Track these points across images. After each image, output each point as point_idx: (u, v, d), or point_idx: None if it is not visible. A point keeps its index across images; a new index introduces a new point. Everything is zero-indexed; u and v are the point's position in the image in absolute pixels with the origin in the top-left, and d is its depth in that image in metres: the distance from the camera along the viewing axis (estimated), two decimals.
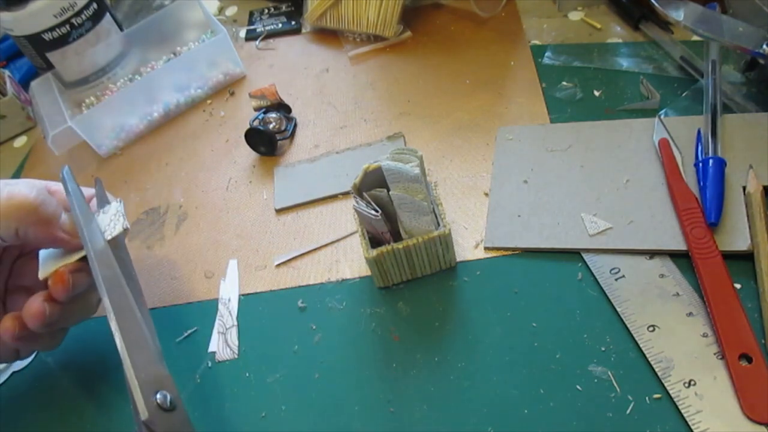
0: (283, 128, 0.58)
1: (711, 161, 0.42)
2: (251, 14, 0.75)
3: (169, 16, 0.68)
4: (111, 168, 0.62)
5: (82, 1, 0.62)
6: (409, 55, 0.63)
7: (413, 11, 0.66)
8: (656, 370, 0.36)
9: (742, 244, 0.39)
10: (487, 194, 0.48)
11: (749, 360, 0.34)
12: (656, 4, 0.50)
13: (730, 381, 0.34)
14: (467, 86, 0.57)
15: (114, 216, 0.42)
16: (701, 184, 0.42)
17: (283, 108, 0.60)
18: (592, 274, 0.41)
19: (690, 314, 0.38)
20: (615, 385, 0.36)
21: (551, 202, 0.45)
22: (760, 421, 0.33)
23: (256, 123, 0.58)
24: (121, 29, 0.69)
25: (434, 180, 0.50)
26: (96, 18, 0.65)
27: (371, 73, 0.62)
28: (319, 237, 0.49)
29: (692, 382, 0.35)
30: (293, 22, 0.71)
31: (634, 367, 0.37)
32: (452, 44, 0.62)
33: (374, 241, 0.42)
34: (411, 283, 0.44)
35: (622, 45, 0.57)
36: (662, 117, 0.48)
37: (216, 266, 0.50)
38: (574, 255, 0.42)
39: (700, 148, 0.44)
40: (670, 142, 0.45)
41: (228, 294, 0.47)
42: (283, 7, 0.74)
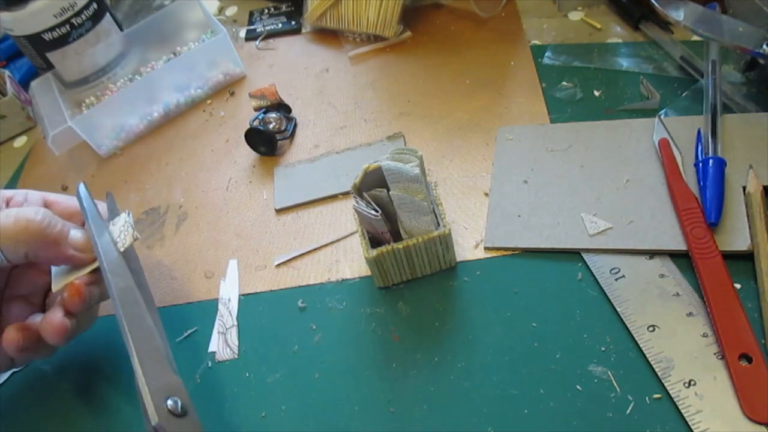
0: (283, 128, 0.58)
1: (711, 161, 0.42)
2: (251, 14, 0.75)
3: (169, 16, 0.68)
4: (111, 168, 0.62)
5: (82, 1, 0.62)
6: (409, 55, 0.63)
7: (413, 11, 0.66)
8: (656, 370, 0.36)
9: (742, 244, 0.39)
10: (487, 194, 0.48)
11: (749, 360, 0.34)
12: (656, 4, 0.50)
13: (730, 381, 0.34)
14: (467, 86, 0.57)
15: (123, 227, 0.42)
16: (701, 184, 0.42)
17: (283, 108, 0.60)
18: (592, 274, 0.41)
19: (690, 314, 0.38)
20: (615, 385, 0.36)
21: (551, 202, 0.45)
22: (760, 421, 0.33)
23: (256, 123, 0.58)
24: (121, 29, 0.69)
25: (434, 180, 0.50)
26: (96, 18, 0.65)
27: (371, 73, 0.62)
28: (319, 237, 0.49)
29: (692, 382, 0.35)
30: (293, 22, 0.71)
31: (634, 367, 0.37)
32: (452, 44, 0.62)
33: (374, 241, 0.42)
34: (411, 283, 0.44)
35: (622, 45, 0.57)
36: (662, 117, 0.48)
37: (216, 266, 0.50)
38: (574, 255, 0.42)
39: (700, 148, 0.44)
40: (670, 142, 0.45)
41: (228, 294, 0.47)
42: (283, 7, 0.74)
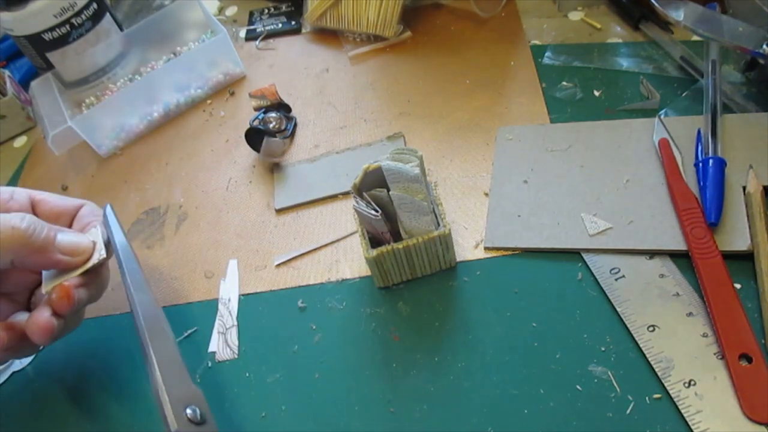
0: (283, 128, 0.58)
1: (711, 161, 0.42)
2: (251, 14, 0.75)
3: (169, 16, 0.68)
4: (111, 168, 0.62)
5: (82, 1, 0.62)
6: (409, 55, 0.63)
7: (413, 11, 0.66)
8: (656, 370, 0.36)
9: (742, 244, 0.39)
10: (487, 194, 0.48)
11: (749, 360, 0.34)
12: (656, 4, 0.50)
13: (730, 381, 0.34)
14: (467, 86, 0.57)
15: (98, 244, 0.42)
16: (701, 184, 0.42)
17: (283, 108, 0.60)
18: (592, 274, 0.41)
19: (690, 314, 0.38)
20: (615, 385, 0.36)
21: (551, 202, 0.45)
22: (760, 421, 0.33)
23: (256, 123, 0.58)
24: (121, 29, 0.69)
25: (434, 180, 0.50)
26: (96, 18, 0.65)
27: (371, 73, 0.62)
28: (319, 237, 0.49)
29: (692, 382, 0.35)
30: (293, 22, 0.71)
31: (634, 367, 0.37)
32: (452, 44, 0.62)
33: (374, 241, 0.42)
34: (411, 283, 0.44)
35: (622, 45, 0.57)
36: (662, 117, 0.48)
37: (216, 266, 0.50)
38: (574, 255, 0.42)
39: (700, 148, 0.44)
40: (670, 142, 0.45)
41: (228, 294, 0.47)
42: (283, 7, 0.74)
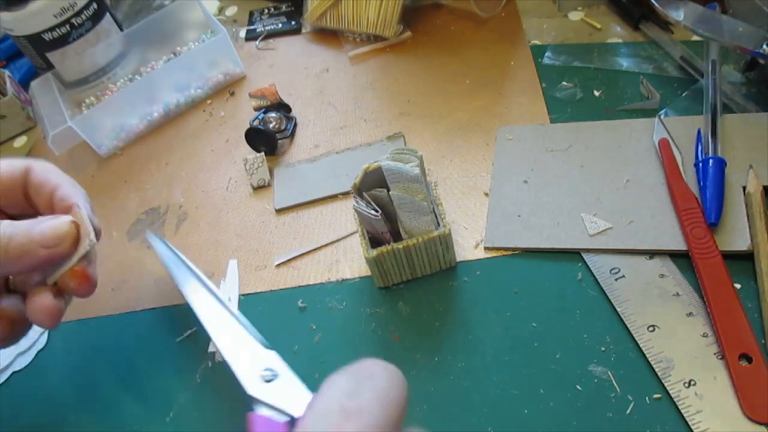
0: (283, 128, 0.58)
1: (711, 161, 0.42)
2: (251, 14, 0.75)
3: (169, 16, 0.68)
4: (111, 168, 0.62)
5: (82, 1, 0.62)
6: (409, 55, 0.63)
7: (413, 11, 0.66)
8: (656, 370, 0.36)
9: (742, 244, 0.39)
10: (487, 194, 0.48)
11: (749, 360, 0.34)
12: (656, 4, 0.50)
13: (730, 381, 0.34)
14: (467, 86, 0.57)
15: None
16: (701, 184, 0.42)
17: (283, 108, 0.60)
18: (592, 274, 0.41)
19: (690, 314, 0.38)
20: (615, 385, 0.36)
21: (551, 202, 0.45)
22: (760, 421, 0.33)
23: (256, 123, 0.58)
24: (121, 29, 0.69)
25: (434, 180, 0.50)
26: (96, 18, 0.65)
27: (371, 73, 0.62)
28: (319, 237, 0.49)
29: (692, 382, 0.35)
30: (293, 22, 0.71)
31: (634, 367, 0.37)
32: (452, 44, 0.62)
33: (374, 241, 0.42)
34: (411, 283, 0.44)
35: (622, 45, 0.57)
36: (662, 117, 0.48)
37: (216, 266, 0.50)
38: (574, 255, 0.42)
39: (700, 148, 0.44)
40: (670, 142, 0.45)
41: (228, 294, 0.47)
42: (283, 7, 0.74)
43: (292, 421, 0.34)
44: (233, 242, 0.51)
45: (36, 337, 0.49)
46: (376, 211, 0.40)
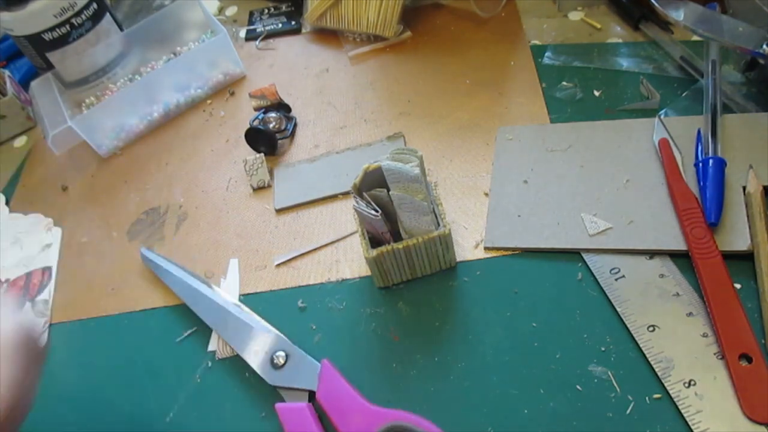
0: (283, 128, 0.58)
1: (711, 161, 0.42)
2: (251, 14, 0.75)
3: (169, 16, 0.68)
4: (111, 168, 0.62)
5: (82, 1, 0.62)
6: (409, 55, 0.63)
7: (413, 11, 0.66)
8: (656, 370, 0.36)
9: (742, 244, 0.39)
10: (487, 194, 0.48)
11: (749, 360, 0.34)
12: (656, 4, 0.50)
13: (730, 381, 0.34)
14: (467, 86, 0.57)
15: None
16: (701, 184, 0.42)
17: (283, 108, 0.60)
18: (592, 274, 0.41)
19: (690, 314, 0.38)
20: (615, 385, 0.36)
21: (551, 202, 0.45)
22: (760, 421, 0.33)
23: (256, 123, 0.58)
24: (121, 29, 0.69)
25: (434, 180, 0.50)
26: (96, 18, 0.65)
27: (371, 73, 0.62)
28: (319, 237, 0.49)
29: (692, 382, 0.35)
30: (293, 22, 0.71)
31: (634, 367, 0.37)
32: (452, 44, 0.62)
33: (374, 241, 0.42)
34: (411, 283, 0.44)
35: (622, 45, 0.57)
36: (662, 117, 0.48)
37: (216, 266, 0.50)
38: (574, 255, 0.42)
39: (700, 148, 0.44)
40: (670, 142, 0.45)
41: (228, 293, 0.47)
42: (283, 7, 0.74)
43: (312, 395, 0.38)
44: (233, 242, 0.51)
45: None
46: (376, 211, 0.40)
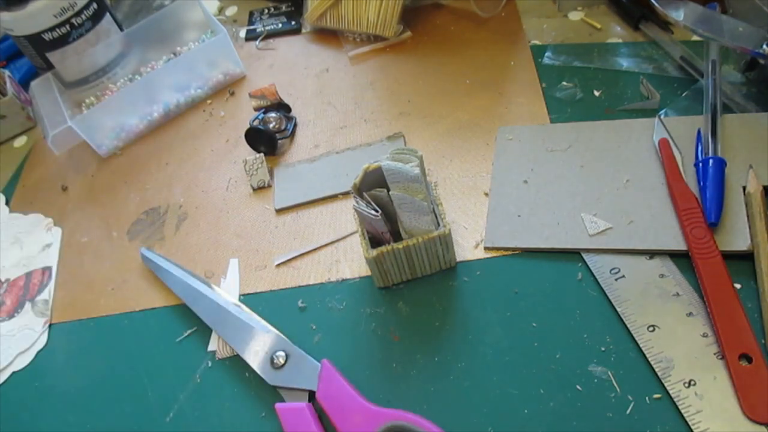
0: (283, 128, 0.58)
1: (711, 161, 0.42)
2: (251, 14, 0.75)
3: (169, 16, 0.68)
4: (111, 168, 0.62)
5: (82, 1, 0.62)
6: (409, 55, 0.63)
7: (413, 11, 0.66)
8: (656, 370, 0.36)
9: (742, 244, 0.39)
10: (487, 194, 0.48)
11: (749, 360, 0.34)
12: (656, 4, 0.50)
13: (730, 381, 0.34)
14: (467, 86, 0.57)
15: None
16: (701, 184, 0.42)
17: (283, 108, 0.60)
18: (592, 274, 0.41)
19: (690, 314, 0.38)
20: (615, 385, 0.36)
21: (551, 202, 0.45)
22: (760, 421, 0.33)
23: (256, 123, 0.58)
24: (121, 29, 0.69)
25: (434, 180, 0.50)
26: (96, 18, 0.65)
27: (371, 73, 0.62)
28: (319, 237, 0.49)
29: (692, 382, 0.35)
30: (293, 22, 0.71)
31: (634, 367, 0.37)
32: (452, 44, 0.62)
33: (374, 241, 0.42)
34: (411, 283, 0.44)
35: (622, 45, 0.57)
36: (662, 117, 0.48)
37: (216, 266, 0.50)
38: (574, 255, 0.42)
39: (700, 148, 0.44)
40: (670, 142, 0.45)
41: (228, 293, 0.47)
42: (283, 7, 0.74)
43: (312, 395, 0.38)
44: (233, 242, 0.51)
45: (36, 336, 0.49)
46: (376, 211, 0.40)
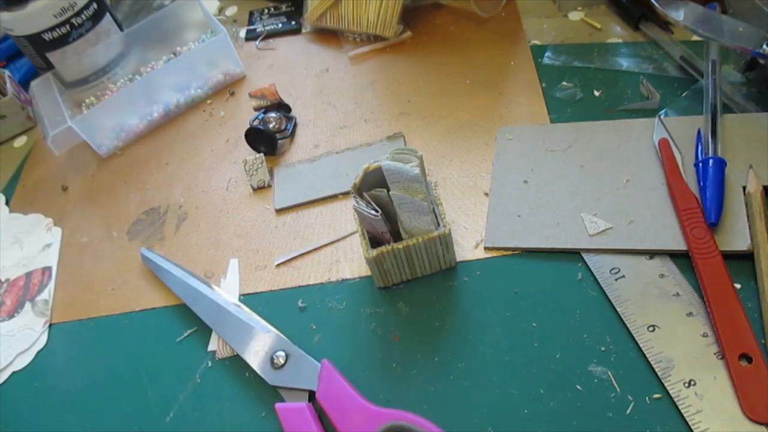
0: (283, 128, 0.58)
1: (711, 161, 0.42)
2: (251, 14, 0.75)
3: (169, 16, 0.68)
4: (111, 168, 0.62)
5: (82, 1, 0.62)
6: (409, 55, 0.63)
7: (413, 11, 0.66)
8: (656, 370, 0.36)
9: (742, 244, 0.39)
10: (487, 194, 0.48)
11: (749, 360, 0.34)
12: (656, 4, 0.50)
13: (730, 381, 0.34)
14: (467, 86, 0.57)
15: None
16: (701, 184, 0.42)
17: (283, 108, 0.60)
18: (592, 274, 0.41)
19: (690, 314, 0.38)
20: (615, 385, 0.36)
21: (551, 202, 0.45)
22: (760, 421, 0.33)
23: (256, 123, 0.58)
24: (121, 29, 0.69)
25: (434, 180, 0.50)
26: (96, 18, 0.65)
27: (371, 73, 0.62)
28: (319, 237, 0.49)
29: (692, 382, 0.35)
30: (293, 22, 0.71)
31: (634, 367, 0.37)
32: (452, 44, 0.62)
33: (374, 241, 0.42)
34: (411, 283, 0.44)
35: (622, 45, 0.57)
36: (662, 117, 0.48)
37: (216, 266, 0.50)
38: (574, 255, 0.42)
39: (700, 148, 0.44)
40: (670, 142, 0.45)
41: (228, 293, 0.47)
42: (283, 7, 0.74)
43: (312, 395, 0.38)
44: (233, 242, 0.51)
45: (36, 336, 0.49)
46: (376, 211, 0.40)
